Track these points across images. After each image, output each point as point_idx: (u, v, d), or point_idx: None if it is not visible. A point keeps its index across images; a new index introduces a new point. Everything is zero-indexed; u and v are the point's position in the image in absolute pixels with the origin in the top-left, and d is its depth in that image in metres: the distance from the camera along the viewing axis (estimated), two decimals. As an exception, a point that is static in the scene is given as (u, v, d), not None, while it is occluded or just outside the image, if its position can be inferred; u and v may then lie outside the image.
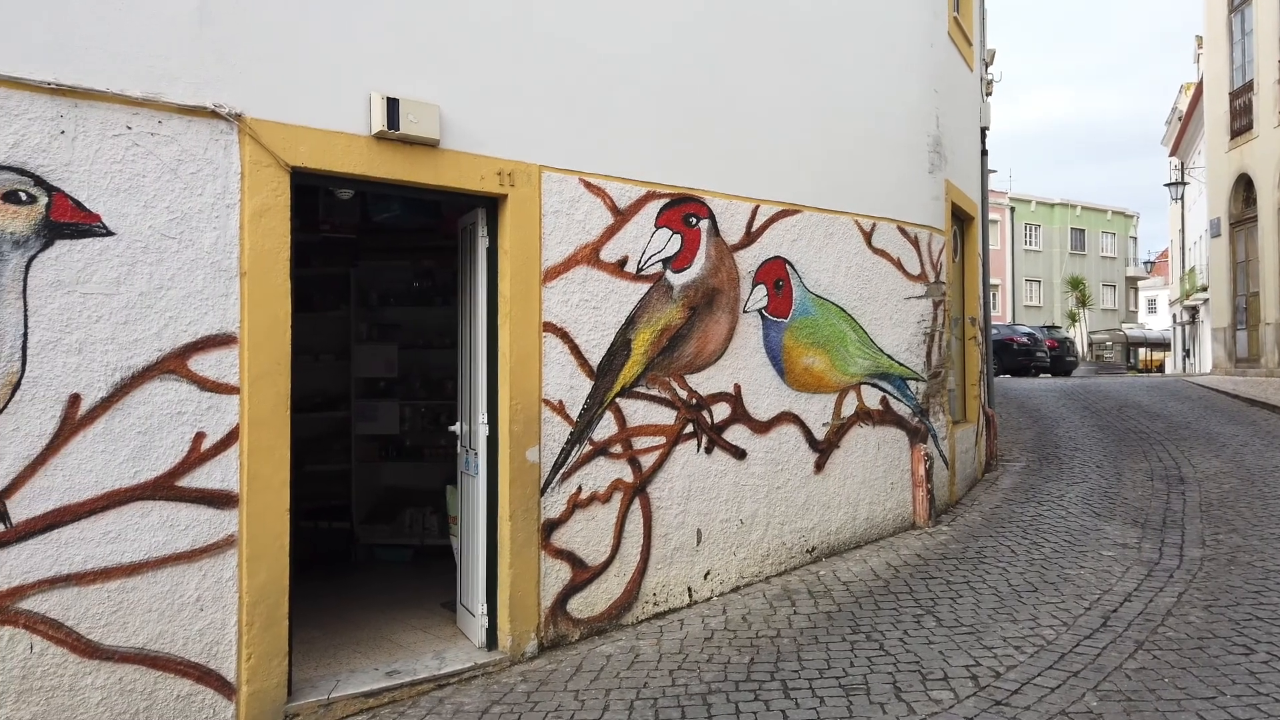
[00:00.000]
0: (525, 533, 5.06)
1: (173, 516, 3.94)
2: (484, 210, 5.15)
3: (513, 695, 4.51)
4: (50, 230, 3.69)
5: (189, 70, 4.04)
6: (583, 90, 5.41)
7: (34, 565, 3.62)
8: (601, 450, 5.43)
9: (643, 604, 5.58)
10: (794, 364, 6.54)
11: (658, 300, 5.72)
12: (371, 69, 4.58)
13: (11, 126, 3.62)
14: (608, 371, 5.48)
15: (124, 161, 3.88)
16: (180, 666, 3.93)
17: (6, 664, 3.54)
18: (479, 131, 4.97)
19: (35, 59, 3.66)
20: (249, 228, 4.19)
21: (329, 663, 4.79)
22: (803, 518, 6.56)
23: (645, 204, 5.68)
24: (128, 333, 3.86)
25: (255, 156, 4.21)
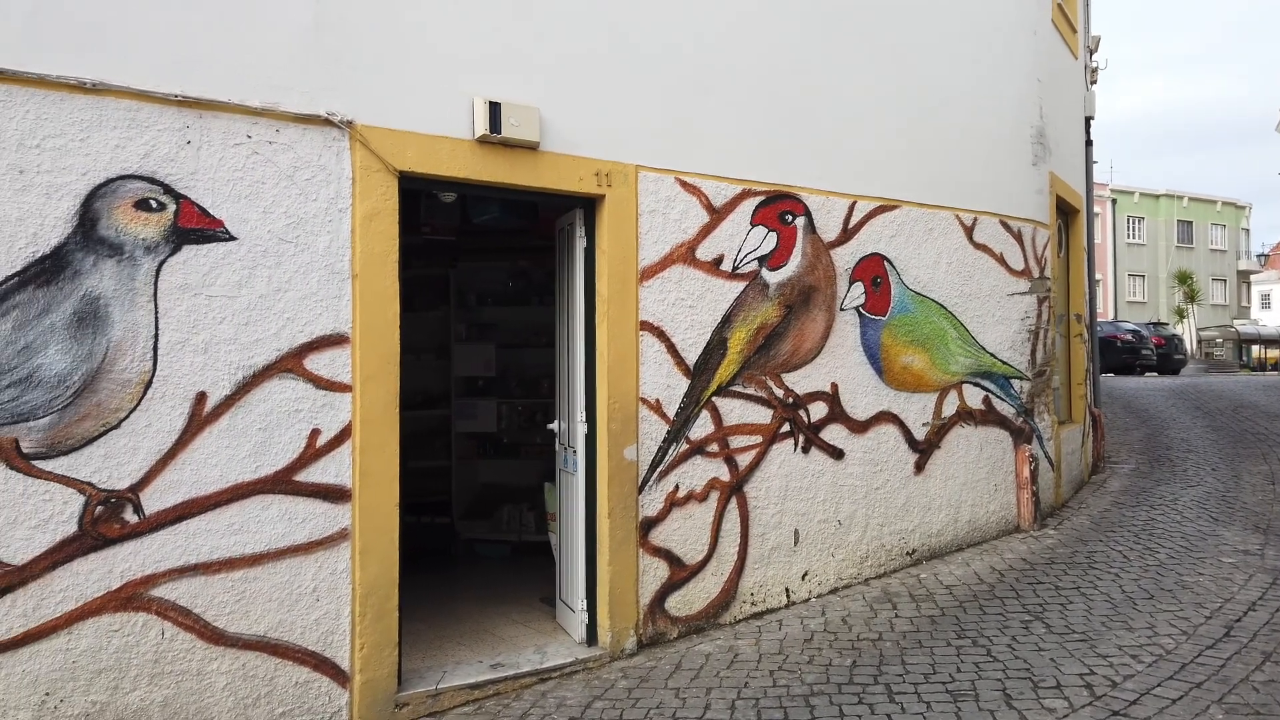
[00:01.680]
0: (624, 530, 5.10)
1: (291, 510, 4.10)
2: (581, 210, 5.20)
3: (614, 691, 4.55)
4: (178, 236, 3.87)
5: (303, 80, 4.20)
6: (678, 89, 5.42)
7: (165, 555, 3.81)
8: (698, 449, 5.43)
9: (740, 604, 5.56)
10: (893, 362, 6.42)
11: (753, 299, 5.69)
12: (474, 74, 4.68)
13: (143, 137, 3.81)
14: (704, 370, 5.47)
15: (244, 169, 4.05)
16: (298, 654, 4.08)
17: (140, 648, 3.74)
18: (577, 133, 5.03)
19: (163, 73, 3.85)
20: (360, 231, 4.33)
21: (435, 654, 4.91)
22: (902, 519, 6.43)
23: (741, 202, 5.66)
24: (249, 333, 4.03)
25: (365, 162, 4.34)
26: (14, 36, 3.54)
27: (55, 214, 3.61)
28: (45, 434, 3.56)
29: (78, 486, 3.62)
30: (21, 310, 3.52)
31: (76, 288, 3.63)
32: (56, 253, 3.60)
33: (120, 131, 3.75)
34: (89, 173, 3.69)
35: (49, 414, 3.56)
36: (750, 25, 5.76)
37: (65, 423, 3.59)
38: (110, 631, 3.67)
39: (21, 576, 3.51)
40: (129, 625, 3.71)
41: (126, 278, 3.74)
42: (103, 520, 3.67)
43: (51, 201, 3.61)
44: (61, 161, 3.63)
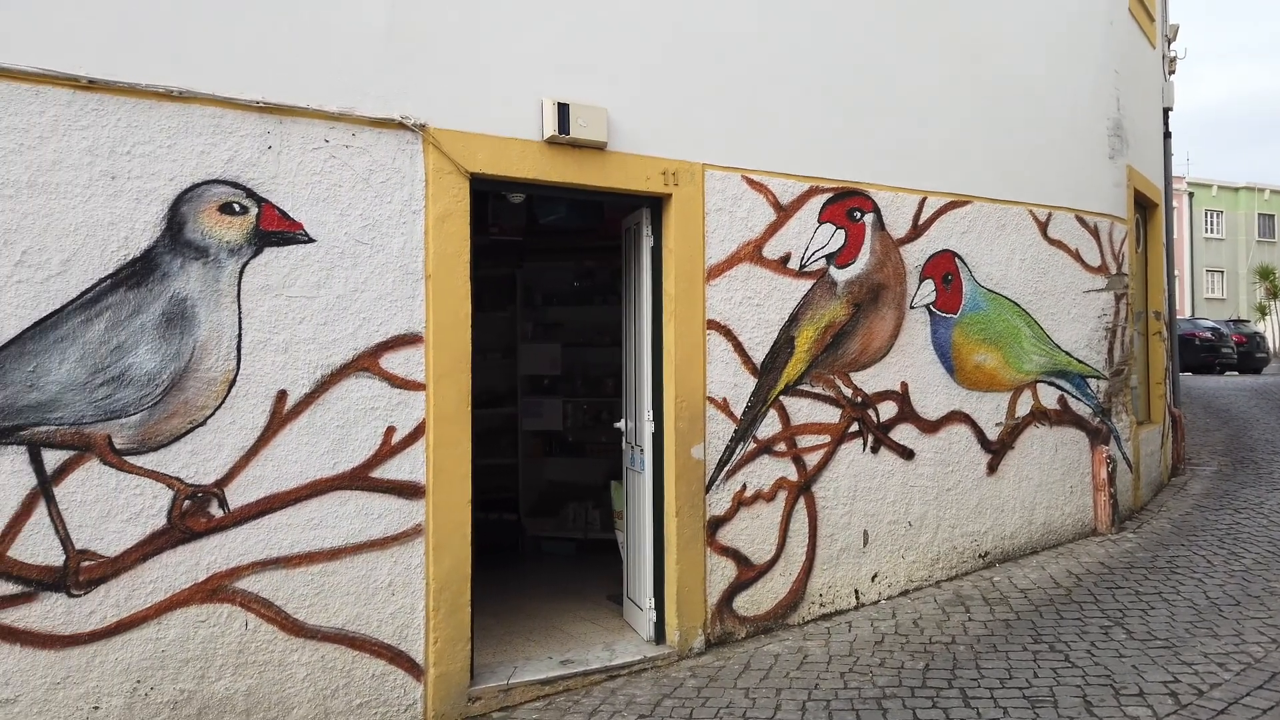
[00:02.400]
0: (691, 529, 5.10)
1: (367, 505, 4.19)
2: (648, 210, 5.21)
3: (683, 690, 4.55)
4: (260, 238, 3.98)
5: (378, 85, 4.28)
6: (744, 87, 5.39)
7: (248, 548, 3.92)
8: (765, 448, 5.40)
9: (809, 604, 5.51)
10: (964, 361, 6.30)
11: (821, 297, 5.63)
12: (542, 76, 4.72)
13: (226, 143, 3.93)
14: (771, 369, 5.44)
15: (322, 172, 4.14)
16: (374, 647, 4.17)
17: (225, 639, 3.85)
18: (644, 132, 5.04)
19: (245, 80, 3.96)
20: (433, 232, 4.40)
21: (505, 649, 4.97)
22: (975, 521, 6.31)
23: (808, 199, 5.61)
24: (327, 333, 4.12)
25: (438, 164, 4.41)
26: (106, 47, 3.67)
27: (145, 218, 3.74)
28: (136, 430, 3.69)
29: (166, 481, 3.75)
30: (114, 311, 3.66)
31: (165, 289, 3.76)
32: (146, 255, 3.73)
33: (205, 138, 3.87)
34: (176, 178, 3.81)
35: (139, 411, 3.70)
36: (818, 20, 5.70)
37: (155, 420, 3.72)
38: (197, 622, 3.79)
39: (115, 568, 3.65)
40: (215, 616, 3.83)
41: (211, 279, 3.86)
42: (190, 514, 3.79)
43: (141, 206, 3.74)
44: (150, 167, 3.76)
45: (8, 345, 3.46)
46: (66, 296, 3.57)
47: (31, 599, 3.50)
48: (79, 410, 3.58)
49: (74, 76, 3.60)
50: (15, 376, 3.47)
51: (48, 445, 3.53)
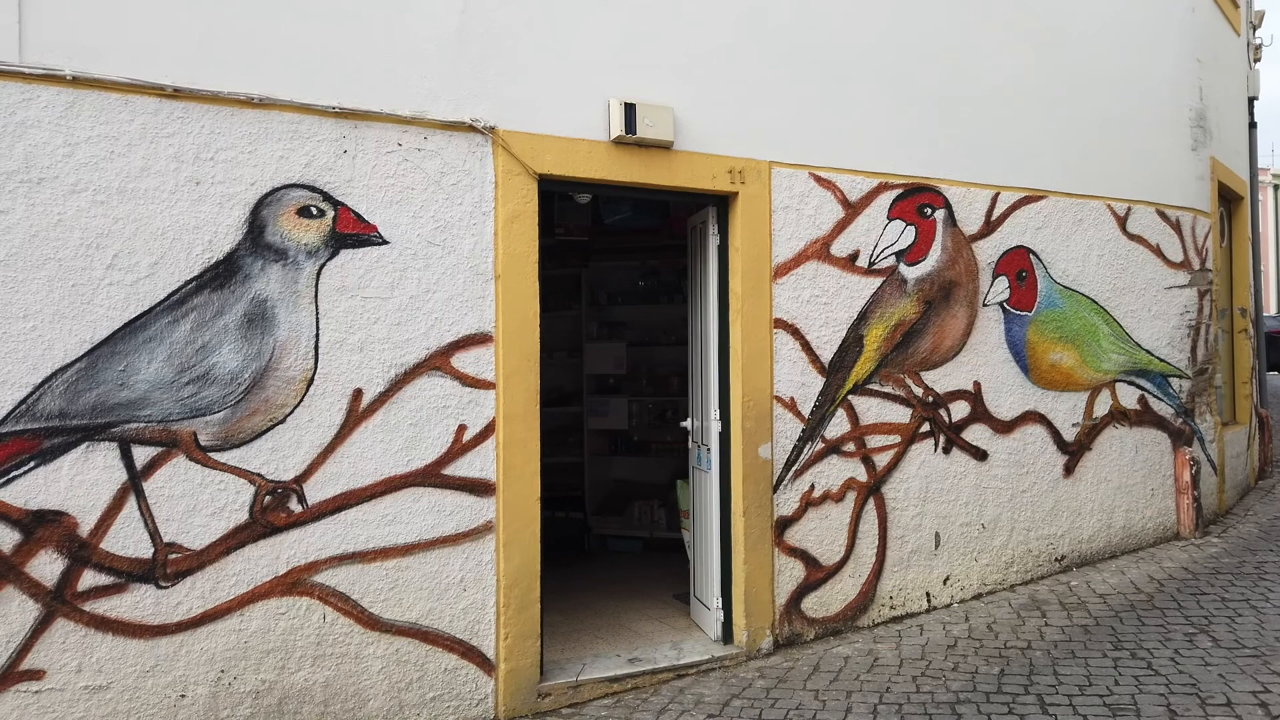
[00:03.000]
0: (759, 529, 5.07)
1: (439, 502, 4.25)
2: (714, 208, 5.19)
3: (751, 690, 4.52)
4: (336, 241, 4.08)
5: (449, 88, 4.34)
6: (810, 83, 5.34)
7: (325, 543, 4.01)
8: (834, 448, 5.34)
9: (879, 607, 5.43)
10: (1039, 360, 6.15)
11: (891, 295, 5.55)
12: (609, 76, 4.74)
13: (304, 148, 4.03)
14: (839, 368, 5.38)
15: (396, 175, 4.22)
16: (447, 642, 4.23)
17: (304, 631, 3.96)
18: (710, 131, 5.03)
19: (319, 86, 4.05)
20: (502, 233, 4.45)
21: (573, 646, 5.00)
22: (1050, 524, 6.15)
23: (877, 196, 5.53)
24: (400, 333, 4.20)
25: (507, 166, 4.46)
26: (190, 57, 3.80)
27: (227, 222, 3.86)
28: (220, 428, 3.81)
29: (248, 477, 3.86)
30: (199, 312, 3.78)
31: (246, 291, 3.87)
32: (229, 258, 3.85)
33: (284, 143, 3.97)
34: (256, 183, 3.92)
35: (223, 409, 3.81)
36: (886, 13, 5.62)
37: (238, 417, 3.84)
38: (278, 614, 3.90)
39: (200, 560, 3.77)
40: (294, 609, 3.93)
41: (290, 281, 3.96)
42: (271, 509, 3.90)
43: (224, 210, 3.86)
44: (232, 172, 3.88)
45: (100, 345, 3.60)
46: (154, 298, 3.71)
47: (123, 590, 3.64)
48: (166, 408, 3.71)
49: (160, 85, 3.73)
50: (107, 375, 3.61)
51: (137, 442, 3.66)
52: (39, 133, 3.53)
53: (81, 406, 3.56)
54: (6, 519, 3.45)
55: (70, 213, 3.58)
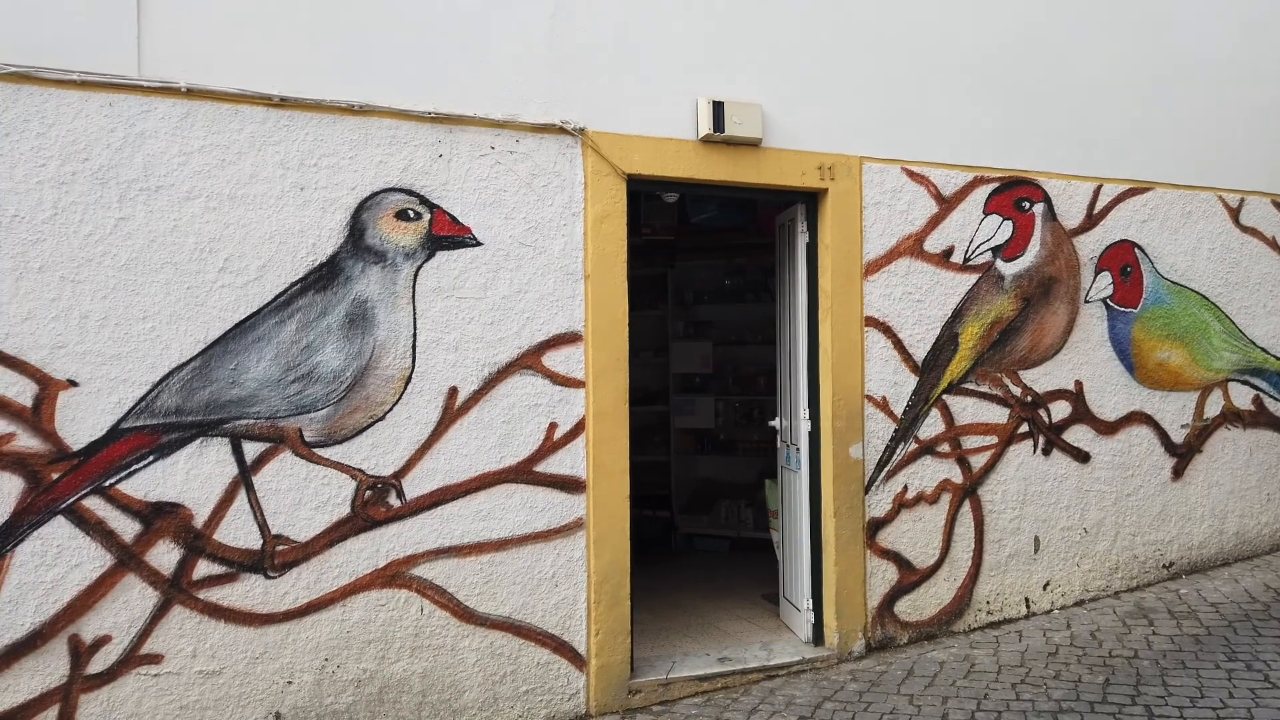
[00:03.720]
0: (850, 530, 5.00)
1: (531, 499, 4.32)
2: (803, 205, 5.14)
3: (844, 694, 4.46)
4: (432, 243, 4.18)
5: (539, 91, 4.41)
6: (903, 77, 5.24)
7: (423, 537, 4.12)
8: (928, 449, 5.23)
9: (975, 612, 5.30)
10: (1145, 358, 5.90)
11: (987, 291, 5.41)
12: (697, 75, 4.74)
13: (402, 153, 4.14)
14: (933, 367, 5.26)
15: (488, 178, 4.30)
16: (539, 636, 4.30)
17: (403, 622, 4.07)
18: (798, 127, 4.98)
19: (416, 92, 4.16)
20: (591, 234, 4.49)
21: (662, 644, 5.02)
22: (1158, 529, 5.90)
23: (972, 190, 5.40)
24: (493, 332, 4.28)
25: (596, 167, 4.50)
26: (294, 66, 3.94)
27: (330, 225, 4.00)
28: (323, 425, 3.95)
29: (350, 472, 3.99)
30: (304, 313, 3.92)
31: (348, 292, 4.00)
32: (331, 260, 3.98)
33: (383, 148, 4.09)
34: (357, 187, 4.05)
35: (326, 406, 3.95)
36: (976, 8, 5.47)
37: (340, 414, 3.97)
38: (378, 605, 4.02)
39: (305, 552, 3.91)
40: (393, 601, 4.04)
41: (389, 282, 4.08)
42: (371, 503, 4.02)
43: (327, 214, 3.99)
44: (335, 178, 4.01)
45: (213, 345, 3.77)
46: (263, 300, 3.86)
47: (234, 579, 3.80)
48: (274, 405, 3.86)
49: (267, 95, 3.88)
50: (219, 374, 3.78)
51: (247, 437, 3.82)
52: (156, 143, 3.72)
53: (196, 403, 3.74)
54: (128, 510, 3.64)
55: (185, 218, 3.75)
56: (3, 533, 3.46)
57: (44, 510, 3.52)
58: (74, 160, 3.59)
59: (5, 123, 3.49)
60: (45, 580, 3.52)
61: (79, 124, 3.60)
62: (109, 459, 3.61)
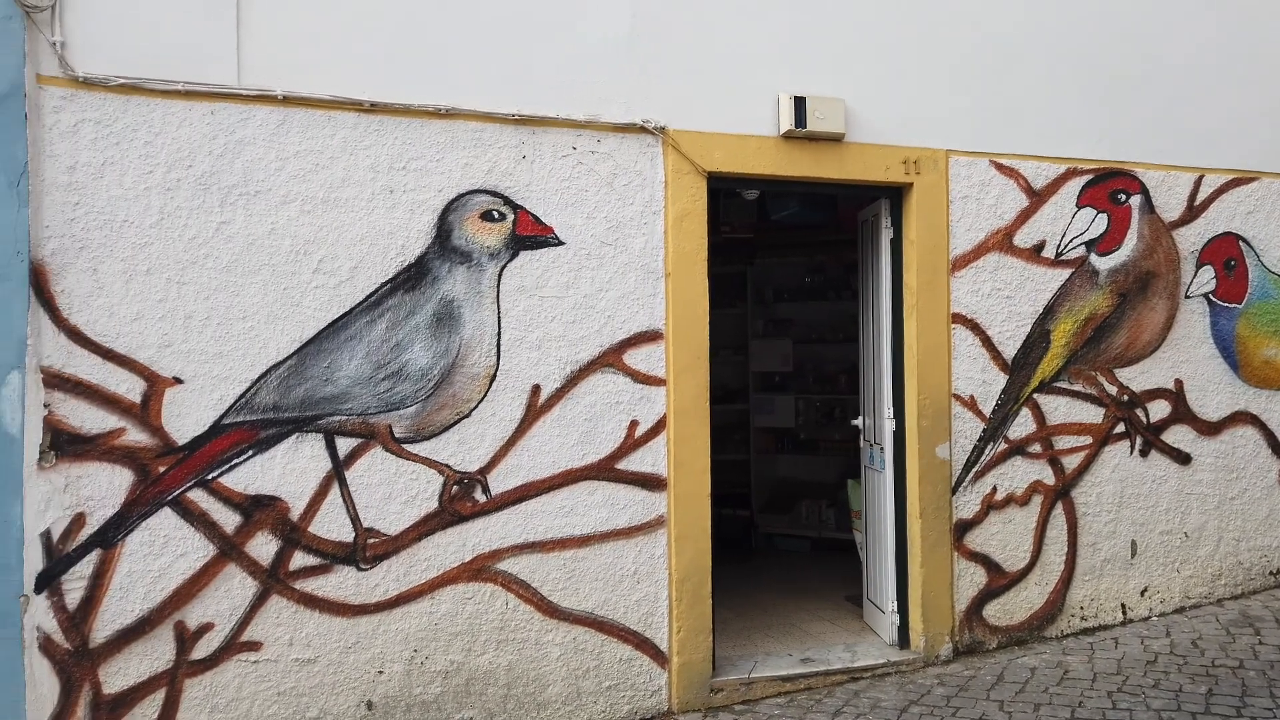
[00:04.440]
0: (936, 532, 4.89)
1: (613, 496, 4.35)
2: (887, 200, 5.06)
3: (930, 698, 4.38)
4: (516, 243, 4.24)
5: (621, 91, 4.43)
6: (990, 68, 5.11)
7: (508, 532, 4.18)
8: (1018, 449, 5.09)
9: (1068, 617, 5.14)
10: (1251, 356, 5.64)
11: (1080, 287, 5.24)
12: (777, 71, 4.70)
13: (487, 155, 4.21)
14: (1023, 365, 5.12)
15: (570, 178, 4.34)
16: (621, 632, 4.33)
17: (488, 616, 4.14)
18: (882, 121, 4.90)
19: (500, 95, 4.22)
20: (672, 232, 4.50)
21: (744, 644, 5.00)
22: (1265, 534, 5.63)
23: (1064, 182, 5.23)
24: (575, 331, 4.32)
25: (677, 165, 4.51)
26: (384, 72, 4.04)
27: (417, 227, 4.09)
28: (412, 421, 4.04)
29: (437, 468, 4.08)
30: (393, 312, 4.03)
31: (435, 292, 4.09)
32: (419, 261, 4.08)
33: (468, 151, 4.17)
34: (443, 189, 4.14)
35: (415, 403, 4.04)
36: (1070, -6, 5.31)
37: (427, 411, 4.06)
38: (464, 599, 4.10)
39: (395, 545, 4.01)
40: (479, 594, 4.12)
41: (474, 282, 4.15)
42: (457, 498, 4.10)
43: (415, 216, 4.09)
44: (422, 180, 4.10)
45: (308, 344, 3.90)
46: (354, 299, 3.97)
47: (328, 570, 3.92)
48: (365, 402, 3.97)
49: (358, 101, 4.00)
50: (314, 372, 3.90)
51: (340, 433, 3.94)
52: (255, 149, 3.86)
53: (292, 400, 3.87)
54: (229, 502, 3.79)
55: (282, 222, 3.89)
56: (114, 523, 3.64)
57: (152, 502, 3.69)
58: (179, 167, 3.75)
59: (116, 132, 3.67)
60: (153, 569, 3.68)
61: (183, 132, 3.76)
62: (211, 453, 3.76)
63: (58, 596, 3.56)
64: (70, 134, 3.60)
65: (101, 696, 3.60)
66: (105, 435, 3.62)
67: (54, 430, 3.55)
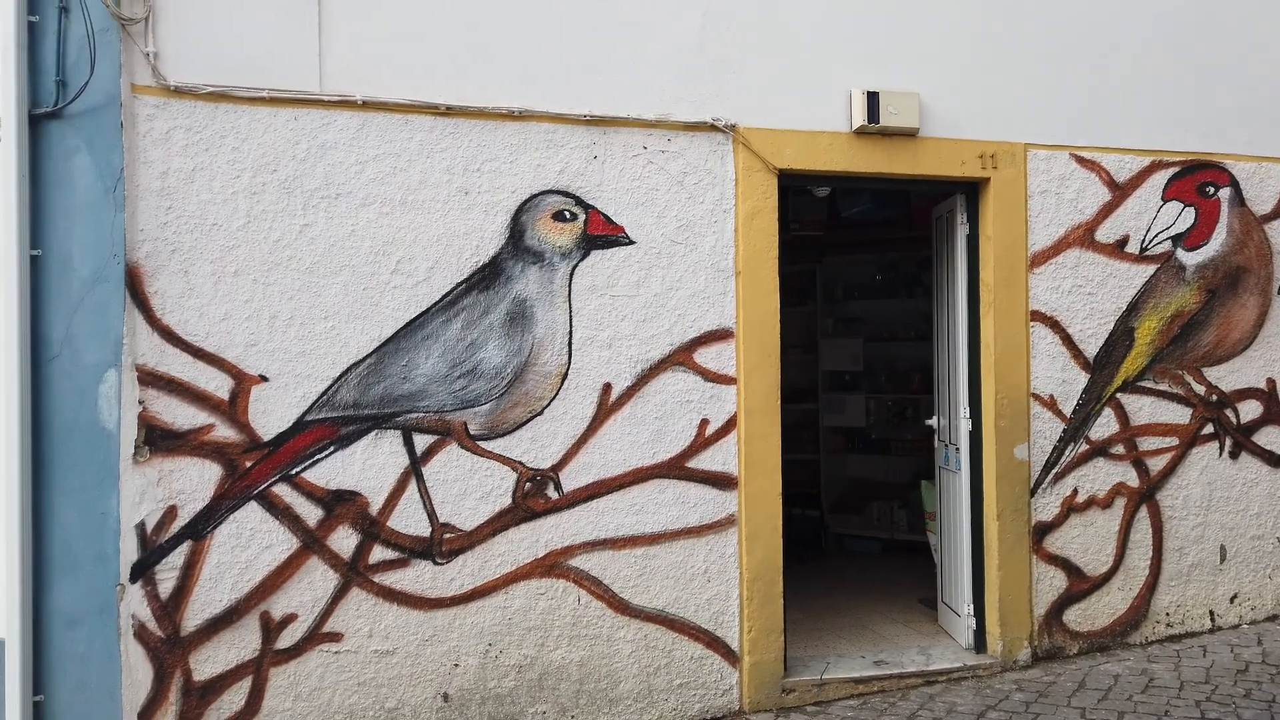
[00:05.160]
0: (1014, 534, 4.79)
1: (683, 494, 4.36)
2: (963, 196, 4.97)
3: (1009, 703, 4.29)
4: (587, 243, 4.28)
5: (691, 90, 4.43)
6: (1071, 59, 4.97)
7: (579, 529, 4.22)
8: (1100, 450, 4.95)
9: (1152, 623, 4.98)
10: (1351, 354, 5.38)
11: (1166, 283, 5.07)
12: (849, 66, 4.65)
13: (559, 155, 4.25)
14: (1105, 364, 4.98)
15: (640, 178, 4.36)
16: (692, 631, 4.33)
17: (560, 612, 4.18)
18: (958, 115, 4.81)
19: (571, 96, 4.25)
20: (742, 230, 4.48)
21: (815, 644, 4.96)
22: (1365, 541, 5.37)
23: (1149, 175, 5.07)
24: (646, 329, 4.34)
25: (747, 163, 4.49)
26: (459, 76, 4.11)
27: (492, 228, 4.15)
28: (486, 419, 4.11)
29: (511, 465, 4.14)
30: (468, 312, 4.10)
31: (509, 291, 4.15)
32: (493, 261, 4.14)
33: (541, 152, 4.22)
34: (517, 190, 4.19)
35: (489, 401, 4.11)
36: (1157, -22, 5.14)
37: (501, 409, 4.13)
38: (537, 594, 4.15)
39: (470, 540, 4.09)
40: (552, 590, 4.17)
41: (546, 281, 4.20)
42: (530, 495, 4.16)
43: (489, 217, 4.15)
44: (496, 181, 4.16)
45: (386, 343, 3.99)
46: (431, 299, 4.05)
47: (405, 564, 4.01)
48: (441, 400, 4.05)
49: (435, 105, 4.07)
50: (392, 370, 4.00)
51: (417, 430, 4.03)
52: (336, 153, 3.96)
53: (371, 398, 3.96)
54: (312, 497, 3.90)
55: (361, 224, 3.99)
56: (204, 515, 3.78)
57: (239, 496, 3.82)
58: (264, 172, 3.87)
59: (205, 139, 3.81)
60: (240, 560, 3.81)
61: (268, 138, 3.88)
62: (295, 449, 3.88)
63: (151, 586, 3.71)
64: (163, 141, 3.75)
65: (192, 683, 3.74)
66: (195, 431, 3.76)
67: (148, 426, 3.70)
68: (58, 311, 3.72)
